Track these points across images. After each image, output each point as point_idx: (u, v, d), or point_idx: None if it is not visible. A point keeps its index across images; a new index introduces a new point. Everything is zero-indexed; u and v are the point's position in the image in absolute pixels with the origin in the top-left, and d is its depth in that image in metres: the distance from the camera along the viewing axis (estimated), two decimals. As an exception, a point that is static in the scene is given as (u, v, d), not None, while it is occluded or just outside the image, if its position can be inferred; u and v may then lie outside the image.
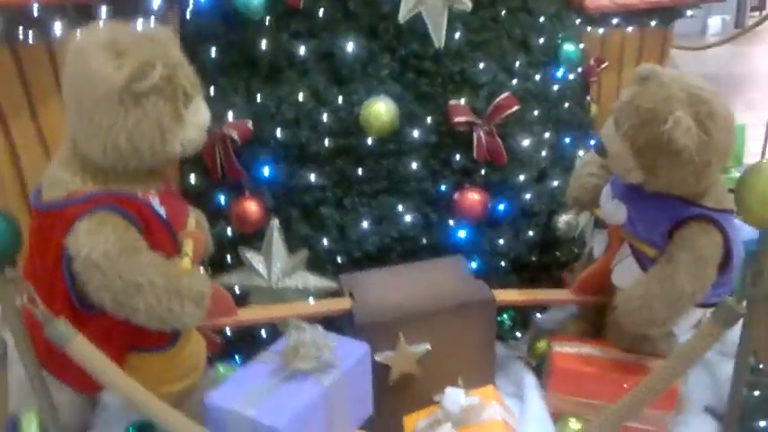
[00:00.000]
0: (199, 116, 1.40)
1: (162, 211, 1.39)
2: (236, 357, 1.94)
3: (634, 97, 1.50)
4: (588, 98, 2.37)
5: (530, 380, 1.86)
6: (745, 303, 0.92)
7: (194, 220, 1.55)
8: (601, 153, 1.62)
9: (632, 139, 1.50)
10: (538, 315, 2.19)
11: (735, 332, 1.86)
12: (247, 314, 1.79)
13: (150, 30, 1.37)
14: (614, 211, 1.68)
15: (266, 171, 1.86)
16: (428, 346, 1.67)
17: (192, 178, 1.91)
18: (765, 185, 0.97)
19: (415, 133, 1.85)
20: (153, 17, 1.75)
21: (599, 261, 1.84)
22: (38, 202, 1.32)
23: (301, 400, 1.32)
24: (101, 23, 1.32)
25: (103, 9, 1.65)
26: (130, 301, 1.27)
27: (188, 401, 1.53)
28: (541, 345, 1.97)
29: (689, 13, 2.70)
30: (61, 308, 1.30)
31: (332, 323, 1.71)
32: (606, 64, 2.44)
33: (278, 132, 1.82)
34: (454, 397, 1.54)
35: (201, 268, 1.91)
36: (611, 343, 1.78)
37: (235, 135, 1.78)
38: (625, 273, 1.69)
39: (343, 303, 1.74)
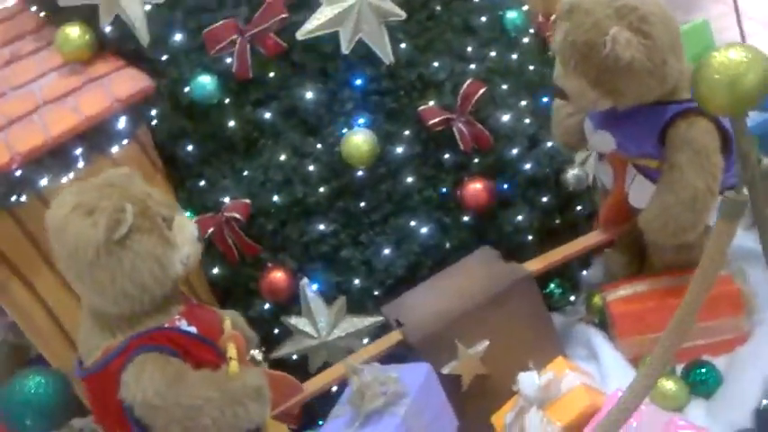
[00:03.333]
0: (186, 231, 1.45)
1: (193, 328, 1.45)
2: (319, 421, 1.96)
3: (567, 34, 1.51)
4: (550, 53, 2.38)
5: (597, 337, 1.84)
6: (745, 190, 0.91)
7: (229, 321, 1.61)
8: (561, 96, 1.63)
9: (584, 74, 1.50)
10: (584, 273, 2.17)
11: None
12: (312, 386, 1.79)
13: (108, 176, 1.44)
14: (601, 141, 1.68)
15: (278, 237, 1.91)
16: (487, 342, 1.67)
17: (215, 270, 1.97)
18: (712, 74, 0.98)
19: (399, 150, 1.88)
20: (125, 140, 1.82)
21: (612, 191, 1.83)
22: (82, 372, 1.39)
23: (384, 438, 1.34)
24: (63, 194, 1.40)
25: (78, 150, 1.73)
26: (197, 423, 1.32)
27: None
28: (597, 300, 1.95)
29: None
30: None
31: (392, 357, 1.74)
32: (555, 15, 2.45)
33: (274, 197, 1.87)
34: (528, 380, 1.54)
35: (257, 352, 1.97)
36: (659, 264, 1.75)
37: (237, 215, 1.83)
38: (639, 192, 1.68)
39: (394, 336, 1.76)
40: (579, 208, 2.14)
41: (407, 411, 1.39)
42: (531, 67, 2.16)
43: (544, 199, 2.05)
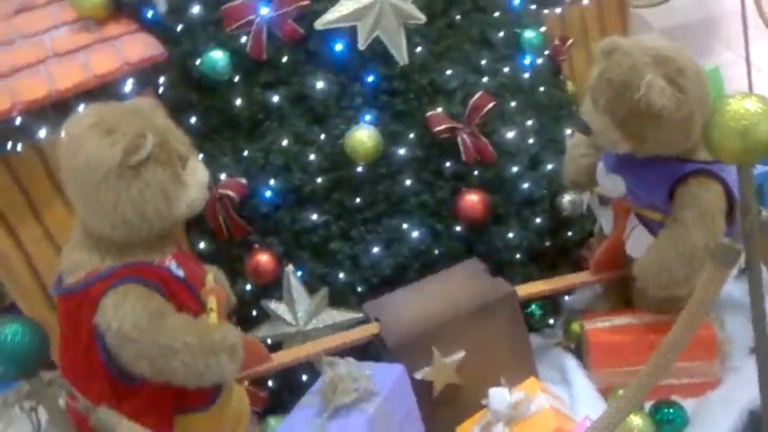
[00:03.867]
0: (197, 175, 1.44)
1: (181, 272, 1.44)
2: (287, 408, 1.95)
3: (603, 72, 1.54)
4: (562, 77, 2.40)
5: (571, 363, 1.86)
6: (741, 241, 0.93)
7: (212, 276, 1.60)
8: (585, 132, 1.65)
9: (612, 113, 1.53)
10: (566, 298, 2.19)
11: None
12: (281, 357, 1.80)
13: (133, 103, 1.42)
14: (612, 185, 1.71)
15: (269, 221, 1.90)
16: (463, 353, 1.68)
17: (202, 244, 1.96)
18: (726, 121, 0.99)
19: (401, 151, 1.89)
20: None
21: (610, 237, 1.86)
22: (61, 288, 1.37)
23: (351, 432, 1.34)
24: (85, 109, 1.38)
25: (81, 107, 1.71)
26: (168, 364, 1.31)
27: None
28: (576, 326, 1.97)
29: (644, -28, 2.73)
30: (102, 386, 1.33)
31: (367, 355, 1.74)
32: (572, 40, 2.47)
33: (271, 181, 1.87)
34: (499, 396, 1.55)
35: (230, 289, 1.96)
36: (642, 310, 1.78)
37: (231, 193, 1.83)
38: (637, 242, 1.71)
39: (370, 329, 1.76)
40: (570, 233, 2.16)
41: (377, 410, 1.39)
42: (542, 89, 2.18)
43: (538, 220, 2.06)
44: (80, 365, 1.34)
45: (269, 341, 1.94)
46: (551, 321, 2.13)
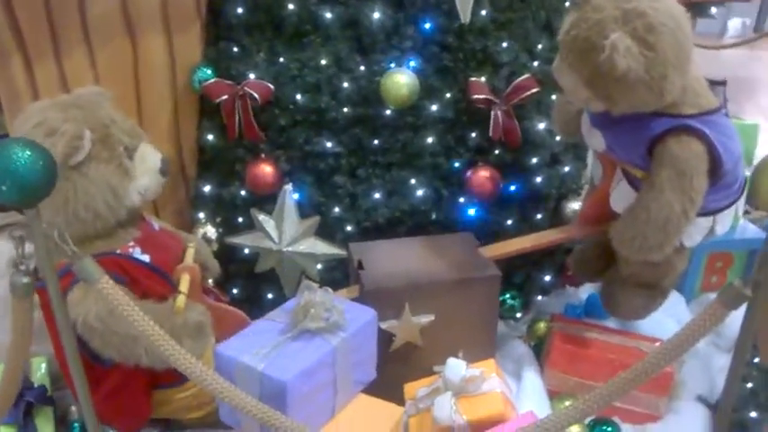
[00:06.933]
0: (147, 162, 1.48)
1: (146, 257, 1.47)
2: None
3: (571, 26, 1.41)
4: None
5: (528, 358, 1.89)
6: (750, 289, 0.93)
7: (192, 251, 1.61)
8: (558, 88, 1.56)
9: (578, 71, 1.42)
10: (539, 297, 2.22)
11: (730, 327, 1.92)
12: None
13: (79, 95, 1.45)
14: (593, 139, 1.62)
15: (283, 135, 1.87)
16: (432, 317, 1.70)
17: (210, 137, 1.93)
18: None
19: (433, 107, 1.86)
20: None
21: (598, 189, 1.79)
22: (38, 282, 1.38)
23: (309, 357, 1.35)
24: (32, 107, 1.40)
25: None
26: (133, 351, 1.39)
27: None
28: (541, 326, 2.00)
29: (713, 10, 2.69)
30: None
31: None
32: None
33: (298, 96, 1.83)
34: (456, 367, 1.57)
35: (212, 231, 1.96)
36: (625, 270, 1.72)
37: (255, 94, 1.79)
38: (621, 197, 1.62)
39: (351, 292, 1.76)
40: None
41: (340, 344, 1.40)
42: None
43: (539, 216, 2.07)
44: (58, 351, 1.43)
45: (246, 250, 1.94)
46: (518, 315, 2.16)
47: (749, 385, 1.71)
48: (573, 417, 1.20)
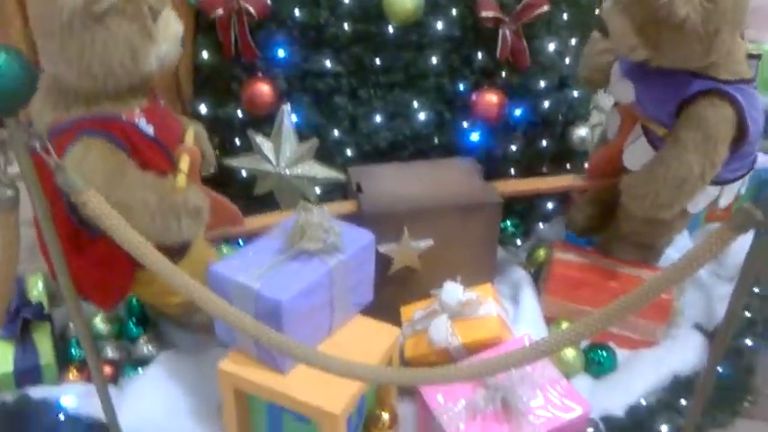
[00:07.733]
0: (170, 29, 1.39)
1: (150, 129, 1.40)
2: (240, 241, 1.95)
3: None
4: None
5: (526, 283, 1.88)
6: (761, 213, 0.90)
7: (192, 133, 1.55)
8: (603, 32, 1.53)
9: (632, 16, 1.39)
10: (540, 225, 2.20)
11: (733, 257, 1.90)
12: (254, 223, 1.74)
13: None
14: (623, 89, 1.59)
15: (281, 52, 1.80)
16: (431, 242, 1.68)
17: (205, 54, 1.86)
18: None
19: (439, 25, 1.78)
20: None
21: (612, 142, 1.77)
22: None
23: (305, 277, 1.34)
24: None
25: None
26: (127, 221, 1.27)
27: (197, 312, 1.58)
28: (540, 253, 1.99)
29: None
30: (63, 232, 1.31)
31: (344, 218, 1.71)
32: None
33: (296, 11, 1.75)
34: (453, 291, 1.56)
35: (211, 149, 1.91)
36: (624, 228, 1.74)
37: (252, 10, 1.71)
38: (636, 154, 1.61)
39: (348, 206, 1.73)
40: (568, 166, 2.13)
41: (336, 266, 1.39)
42: (597, 11, 2.06)
43: (544, 142, 2.02)
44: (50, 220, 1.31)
45: (243, 173, 1.91)
46: (518, 242, 2.14)
47: (747, 314, 1.71)
48: (569, 339, 1.19)
